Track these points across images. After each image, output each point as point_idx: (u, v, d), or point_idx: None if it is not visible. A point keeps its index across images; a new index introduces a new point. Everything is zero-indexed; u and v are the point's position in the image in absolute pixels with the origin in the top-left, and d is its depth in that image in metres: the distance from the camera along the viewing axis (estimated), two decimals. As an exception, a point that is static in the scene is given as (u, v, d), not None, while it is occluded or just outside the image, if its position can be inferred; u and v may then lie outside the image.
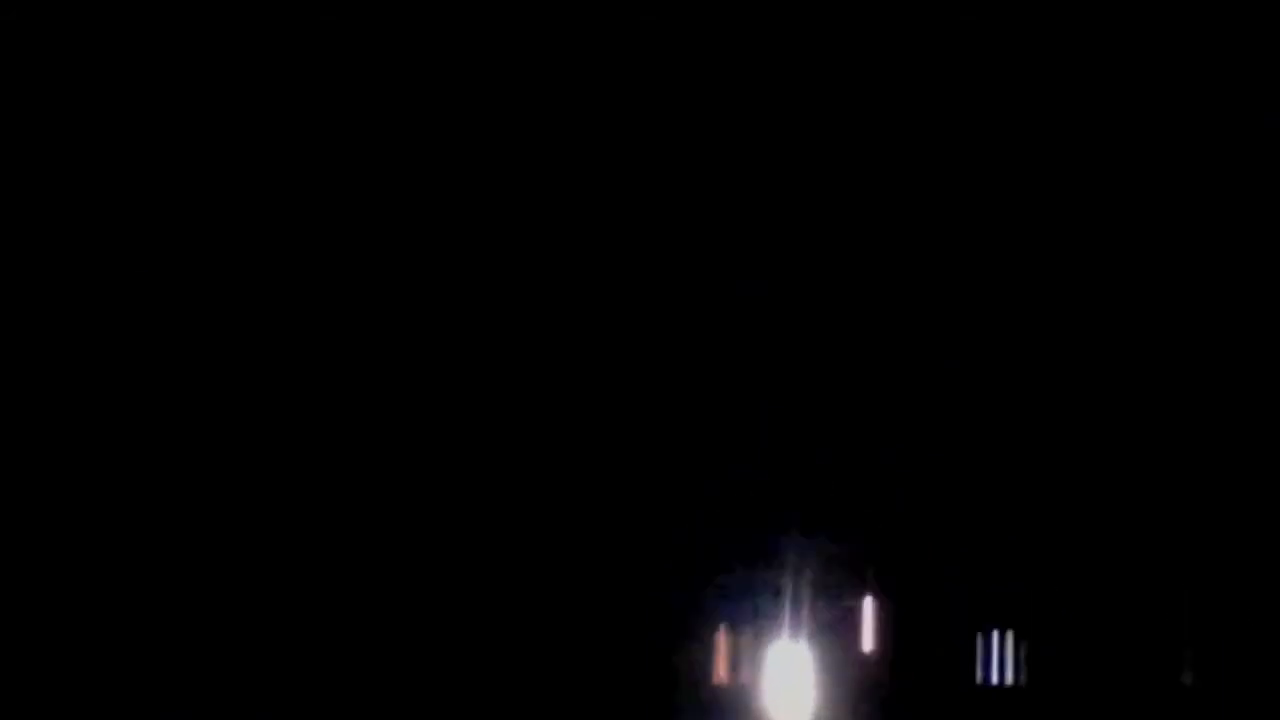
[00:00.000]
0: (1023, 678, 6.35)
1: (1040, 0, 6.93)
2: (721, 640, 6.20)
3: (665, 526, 6.46)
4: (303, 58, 6.85)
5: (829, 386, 6.84)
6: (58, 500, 6.55)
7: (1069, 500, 6.88)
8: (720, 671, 6.12)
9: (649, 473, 6.65)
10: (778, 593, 6.14)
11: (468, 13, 6.91)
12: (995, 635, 6.42)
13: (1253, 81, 6.81)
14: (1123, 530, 6.90)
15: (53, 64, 6.66)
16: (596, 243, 6.96)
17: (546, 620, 6.43)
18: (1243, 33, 6.78)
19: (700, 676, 6.17)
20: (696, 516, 6.41)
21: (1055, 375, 7.08)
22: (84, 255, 6.76)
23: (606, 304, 6.93)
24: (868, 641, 6.28)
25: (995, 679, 6.31)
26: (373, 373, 6.85)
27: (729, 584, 6.21)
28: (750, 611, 6.15)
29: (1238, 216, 6.94)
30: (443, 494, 6.72)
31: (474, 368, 6.87)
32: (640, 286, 6.94)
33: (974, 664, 6.37)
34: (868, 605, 6.31)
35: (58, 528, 6.55)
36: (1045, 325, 7.06)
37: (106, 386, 6.66)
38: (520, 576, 6.52)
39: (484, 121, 7.00)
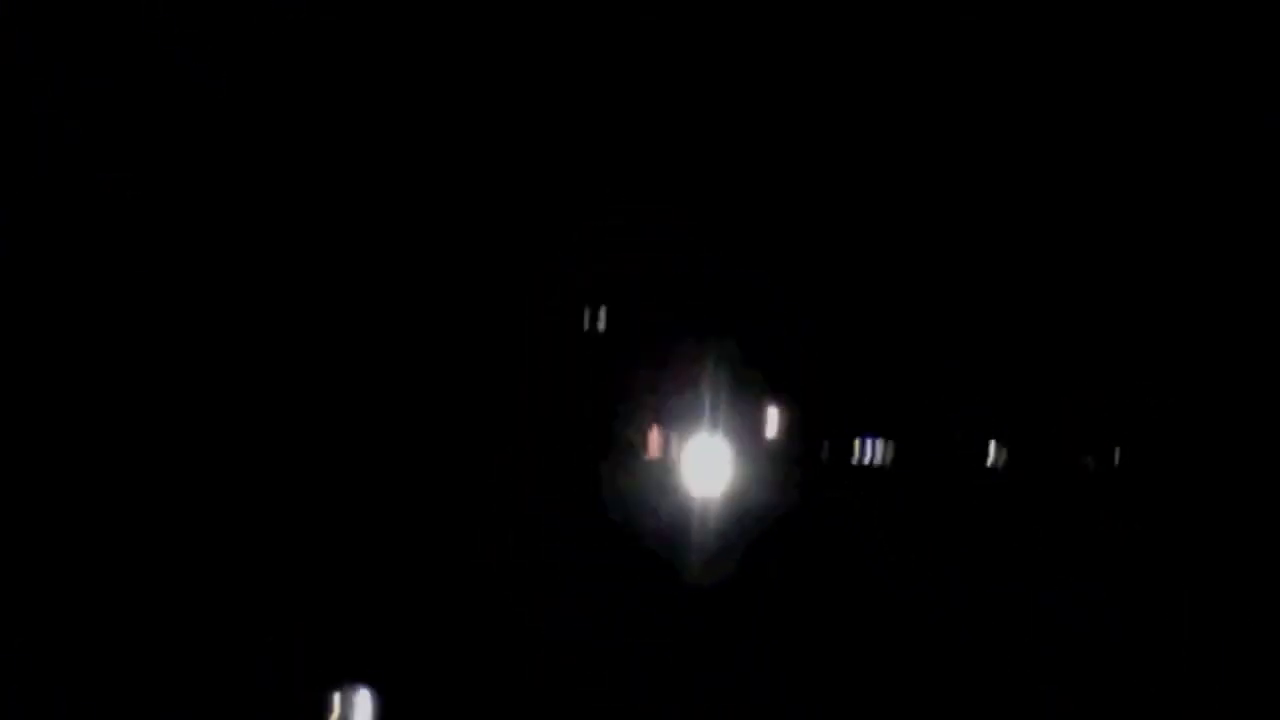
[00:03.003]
0: (890, 460, 7.93)
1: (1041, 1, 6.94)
2: (654, 427, 7.76)
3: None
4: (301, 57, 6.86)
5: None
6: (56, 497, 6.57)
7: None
8: (652, 449, 7.74)
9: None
10: (700, 393, 7.72)
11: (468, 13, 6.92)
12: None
13: (1253, 81, 6.81)
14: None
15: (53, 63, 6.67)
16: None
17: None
18: (1243, 33, 6.78)
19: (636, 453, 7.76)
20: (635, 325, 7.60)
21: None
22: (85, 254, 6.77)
23: None
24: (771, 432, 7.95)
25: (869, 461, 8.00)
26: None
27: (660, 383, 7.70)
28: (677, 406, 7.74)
29: (1238, 216, 6.94)
30: None
31: None
32: None
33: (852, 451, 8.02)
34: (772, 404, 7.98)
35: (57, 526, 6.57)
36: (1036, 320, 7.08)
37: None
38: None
39: (485, 121, 7.01)
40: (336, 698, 6.46)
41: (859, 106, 6.95)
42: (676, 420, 7.72)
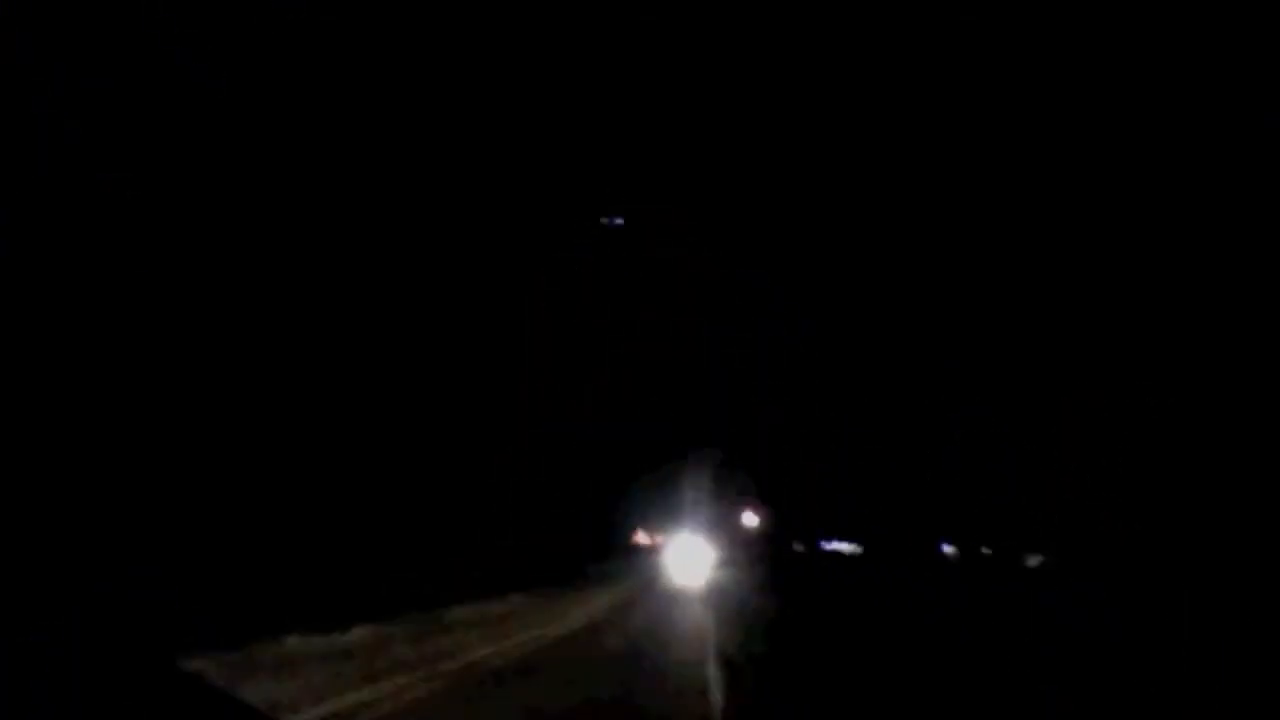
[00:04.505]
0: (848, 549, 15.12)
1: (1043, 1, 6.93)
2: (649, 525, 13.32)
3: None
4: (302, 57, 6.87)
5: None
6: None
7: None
8: (643, 539, 13.18)
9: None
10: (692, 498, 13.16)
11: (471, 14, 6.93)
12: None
13: (1253, 82, 6.80)
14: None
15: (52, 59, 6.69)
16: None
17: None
18: (1242, 33, 6.77)
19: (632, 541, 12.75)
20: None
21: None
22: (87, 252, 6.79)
23: None
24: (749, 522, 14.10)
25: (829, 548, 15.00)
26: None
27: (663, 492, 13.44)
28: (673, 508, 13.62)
29: (1238, 216, 6.92)
30: None
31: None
32: None
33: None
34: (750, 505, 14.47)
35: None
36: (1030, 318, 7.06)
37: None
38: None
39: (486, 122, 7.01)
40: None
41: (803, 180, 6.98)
42: (667, 516, 10.96)
